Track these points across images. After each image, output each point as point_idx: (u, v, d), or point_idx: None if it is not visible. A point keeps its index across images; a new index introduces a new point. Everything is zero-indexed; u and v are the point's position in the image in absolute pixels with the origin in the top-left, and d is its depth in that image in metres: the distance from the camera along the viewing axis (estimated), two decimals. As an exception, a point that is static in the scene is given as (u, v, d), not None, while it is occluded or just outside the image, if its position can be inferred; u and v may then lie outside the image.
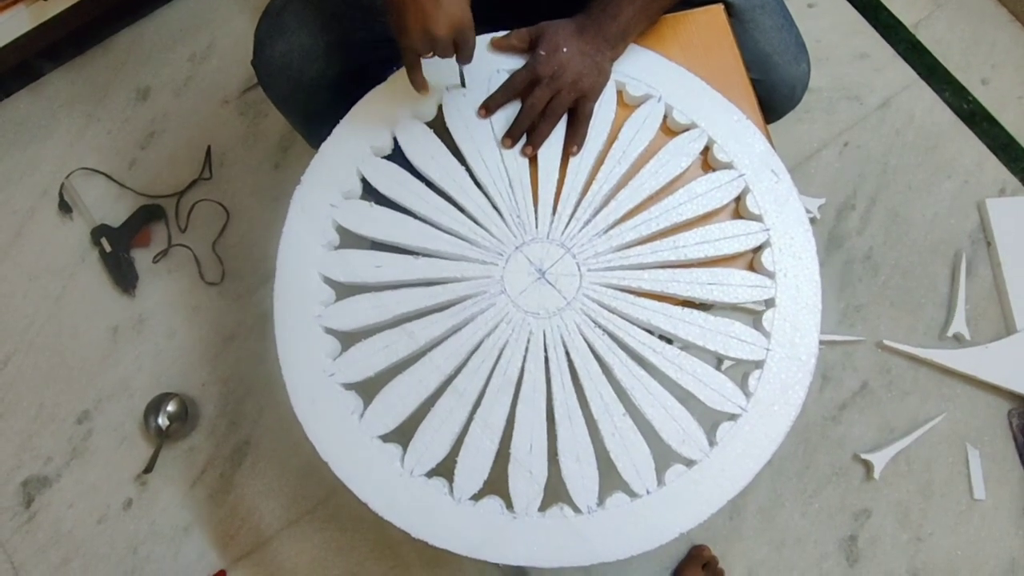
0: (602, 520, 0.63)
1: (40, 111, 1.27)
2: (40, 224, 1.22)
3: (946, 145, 1.25)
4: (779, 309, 0.67)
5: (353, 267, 0.69)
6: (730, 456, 0.64)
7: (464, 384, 0.66)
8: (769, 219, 0.70)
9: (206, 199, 1.22)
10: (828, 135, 1.25)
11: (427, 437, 0.65)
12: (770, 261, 0.69)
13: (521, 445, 0.64)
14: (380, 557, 1.06)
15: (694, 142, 0.72)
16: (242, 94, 1.27)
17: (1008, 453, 1.11)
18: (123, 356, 1.15)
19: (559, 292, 0.68)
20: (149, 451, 1.10)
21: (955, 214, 1.21)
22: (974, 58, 1.29)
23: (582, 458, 0.64)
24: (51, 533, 1.08)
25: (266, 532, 1.08)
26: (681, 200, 0.70)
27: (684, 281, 0.68)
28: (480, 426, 0.65)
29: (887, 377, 1.14)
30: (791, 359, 0.66)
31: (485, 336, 0.67)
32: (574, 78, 0.69)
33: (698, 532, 1.07)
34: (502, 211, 0.70)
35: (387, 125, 0.72)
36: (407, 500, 0.63)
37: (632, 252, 0.69)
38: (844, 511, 1.08)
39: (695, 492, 0.63)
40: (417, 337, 0.67)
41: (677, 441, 0.64)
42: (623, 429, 0.65)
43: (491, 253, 0.70)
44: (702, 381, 0.66)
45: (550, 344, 0.67)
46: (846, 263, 1.19)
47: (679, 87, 0.73)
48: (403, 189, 0.70)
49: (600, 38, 0.69)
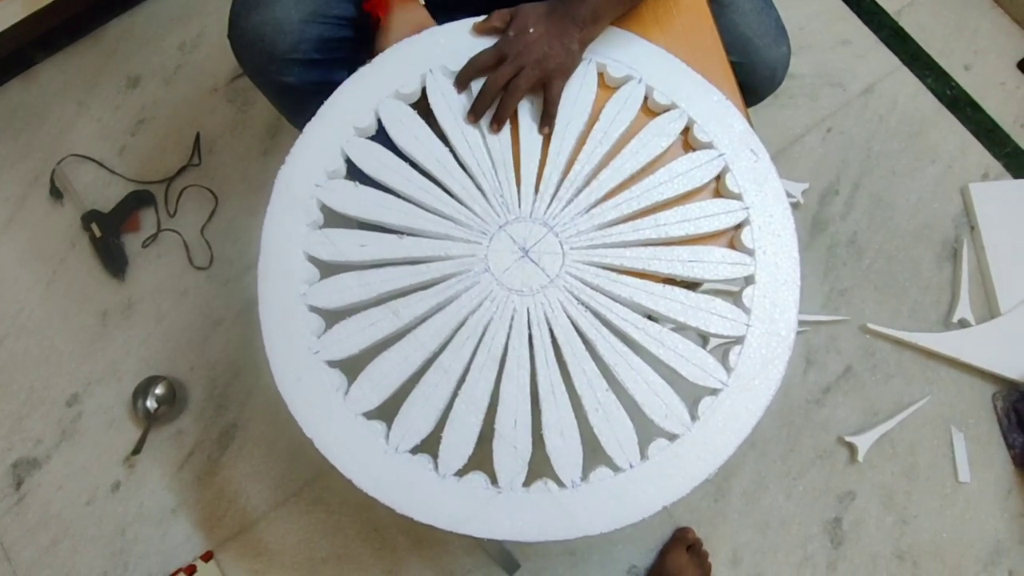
0: (586, 494, 0.63)
1: (32, 99, 1.28)
2: (31, 210, 1.23)
3: (929, 131, 1.26)
4: (759, 286, 0.68)
5: (338, 246, 0.69)
6: (712, 430, 0.64)
7: (449, 361, 0.66)
8: (749, 198, 0.70)
9: (195, 185, 1.23)
10: (811, 121, 1.26)
11: (412, 414, 0.65)
12: (749, 239, 0.69)
13: (506, 420, 0.65)
14: (367, 539, 1.07)
15: (674, 122, 0.72)
16: (231, 82, 1.28)
17: (992, 436, 1.11)
18: (112, 340, 1.16)
19: (542, 270, 0.69)
20: (137, 434, 1.11)
21: (939, 199, 1.22)
22: (957, 44, 1.30)
23: (566, 433, 0.64)
24: (40, 514, 1.09)
25: (253, 514, 1.08)
26: (662, 179, 0.71)
27: (665, 259, 0.69)
28: (465, 402, 0.65)
29: (871, 360, 1.14)
30: (771, 334, 0.67)
31: (469, 314, 0.68)
32: (539, 57, 0.69)
33: (683, 514, 1.07)
34: (485, 191, 0.71)
35: (371, 106, 0.72)
36: (391, 476, 0.63)
37: (614, 231, 0.70)
38: (828, 493, 1.08)
39: (678, 466, 0.64)
40: (402, 315, 0.67)
41: (660, 416, 0.65)
42: (606, 404, 0.65)
43: (475, 232, 0.70)
44: (684, 356, 0.66)
45: (534, 321, 0.67)
46: (830, 247, 1.20)
47: (659, 68, 0.74)
48: (387, 169, 0.71)
49: (568, 19, 0.70)
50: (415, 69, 0.73)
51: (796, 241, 0.70)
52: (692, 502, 1.08)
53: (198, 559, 1.04)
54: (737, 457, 1.07)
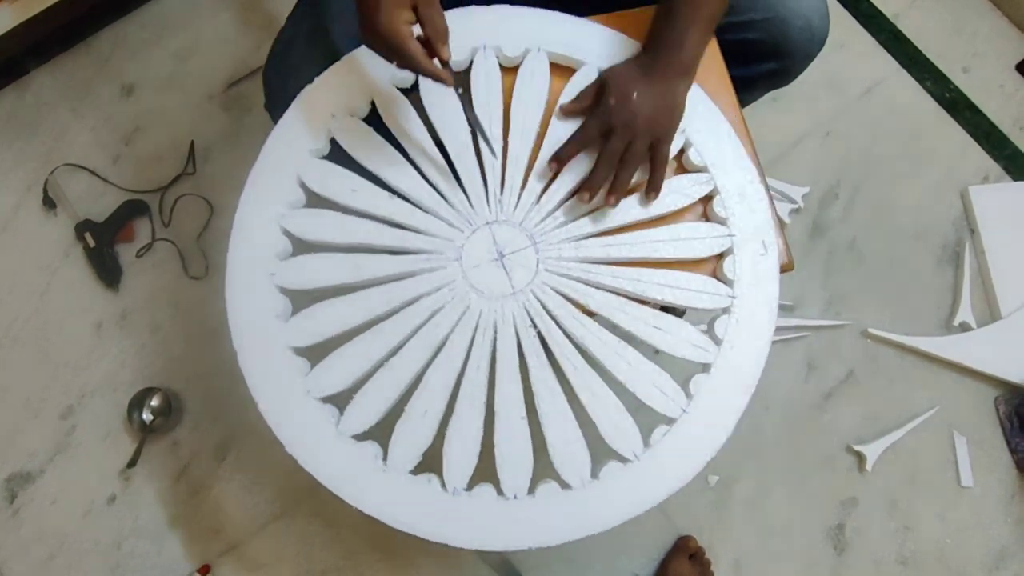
0: (530, 505, 0.62)
1: (25, 108, 1.27)
2: (25, 220, 1.22)
3: (928, 134, 1.25)
4: (712, 379, 0.65)
5: (330, 181, 0.68)
6: (664, 459, 0.63)
7: (389, 329, 0.65)
8: (739, 288, 0.67)
9: (190, 194, 1.22)
10: (810, 125, 1.26)
11: (335, 365, 0.64)
12: (723, 329, 0.67)
13: (418, 406, 0.63)
14: (365, 551, 1.06)
15: (698, 186, 0.70)
16: (226, 89, 1.27)
17: (995, 440, 1.10)
18: (107, 351, 1.15)
19: (510, 279, 0.67)
20: (133, 446, 1.09)
21: (938, 202, 1.22)
22: (955, 47, 1.30)
23: (467, 441, 0.63)
24: (35, 529, 1.08)
25: (250, 526, 1.07)
26: (662, 237, 0.69)
27: (631, 315, 0.66)
28: (388, 373, 0.64)
29: (873, 365, 1.14)
30: (706, 426, 0.64)
31: (425, 294, 0.66)
32: (647, 123, 0.66)
33: (685, 523, 1.06)
34: (488, 183, 0.70)
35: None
36: (295, 416, 0.63)
37: (594, 268, 0.68)
38: (831, 500, 1.08)
39: (626, 490, 0.62)
40: (362, 270, 0.66)
41: (561, 462, 0.63)
42: (516, 431, 0.64)
43: (462, 219, 0.69)
44: (609, 416, 0.64)
45: (481, 324, 0.66)
46: (830, 252, 1.19)
47: (705, 126, 0.71)
48: (405, 138, 0.70)
49: (670, 73, 0.67)
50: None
51: (767, 349, 0.66)
52: (694, 509, 1.07)
53: (195, 573, 1.03)
54: (739, 464, 1.08)
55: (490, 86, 0.71)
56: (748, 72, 0.77)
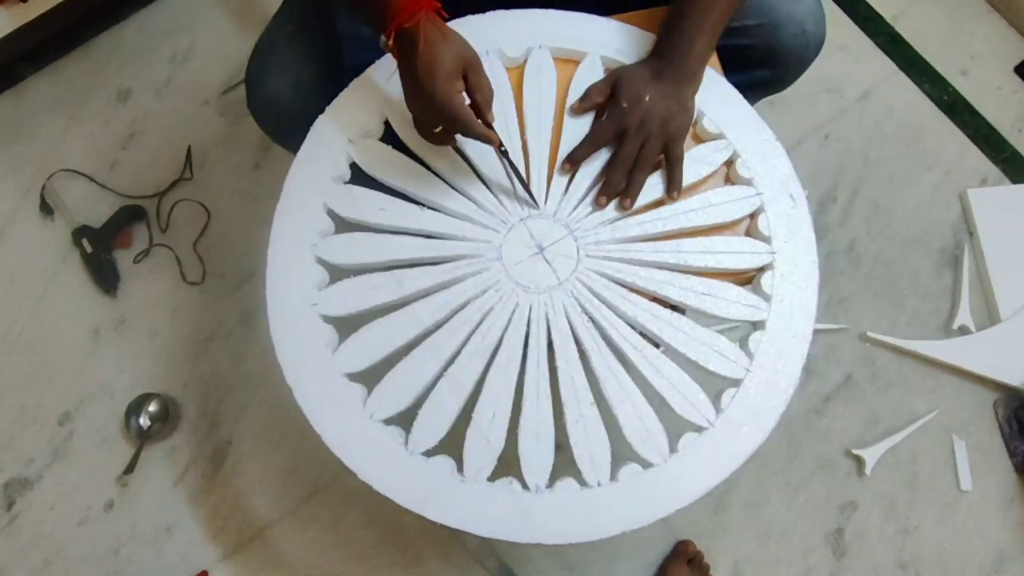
0: (548, 501, 0.62)
1: (22, 114, 1.28)
2: (22, 225, 1.22)
3: (927, 136, 1.25)
4: (768, 333, 0.66)
5: (358, 204, 0.68)
6: (687, 467, 0.63)
7: (442, 340, 0.65)
8: (777, 243, 0.69)
9: (187, 199, 1.22)
10: (809, 127, 1.26)
11: (394, 384, 0.64)
12: (769, 284, 0.68)
13: (485, 411, 0.64)
14: (363, 558, 1.06)
15: (718, 152, 0.71)
16: (222, 95, 1.28)
17: (994, 444, 1.10)
18: (104, 357, 1.15)
19: (554, 271, 0.68)
20: (130, 452, 1.09)
21: (937, 205, 1.21)
22: (953, 49, 1.30)
23: (541, 437, 0.63)
24: (32, 535, 1.08)
25: (248, 532, 1.07)
26: (693, 206, 0.70)
27: (679, 286, 0.67)
28: (448, 384, 0.64)
29: (871, 369, 1.13)
30: (769, 384, 0.65)
31: (472, 298, 0.67)
32: (660, 124, 0.68)
33: (683, 528, 1.06)
34: (516, 185, 0.70)
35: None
36: (362, 442, 0.63)
37: (633, 247, 0.69)
38: (830, 504, 1.08)
39: (645, 494, 0.62)
40: (405, 285, 0.66)
41: (639, 440, 0.63)
42: (588, 417, 0.64)
43: (496, 219, 0.69)
44: (675, 387, 0.65)
45: (534, 319, 0.66)
46: (828, 255, 1.19)
47: (713, 94, 0.72)
48: (425, 150, 0.70)
49: (680, 77, 0.69)
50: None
51: (816, 295, 0.68)
52: (692, 515, 1.07)
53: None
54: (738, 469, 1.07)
55: (499, 88, 0.71)
56: (742, 78, 0.77)
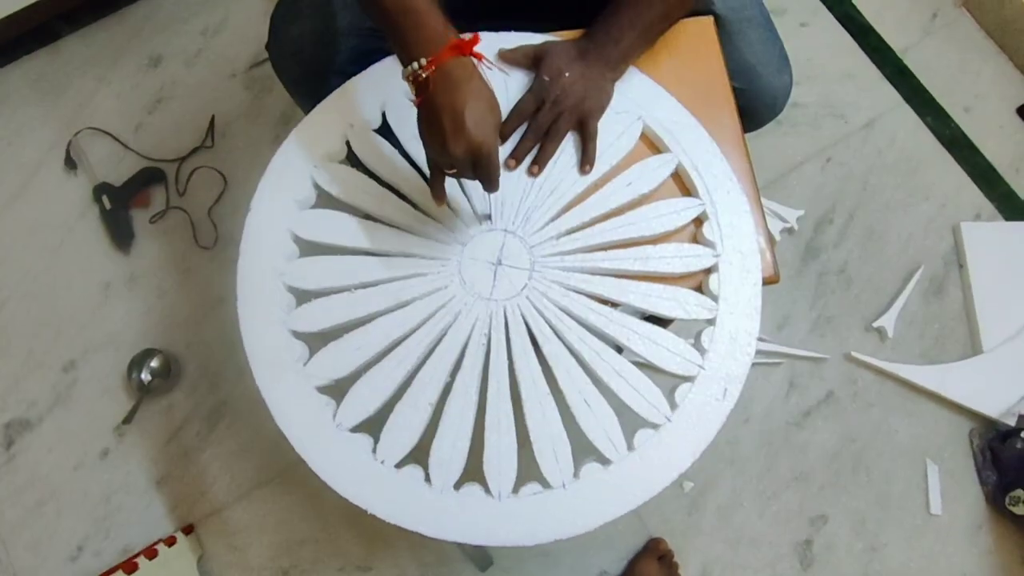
0: (513, 506, 0.64)
1: (55, 71, 1.32)
2: (45, 178, 1.26)
3: (926, 168, 1.28)
4: (718, 329, 0.68)
5: (321, 228, 0.71)
6: (647, 463, 0.65)
7: (406, 353, 0.67)
8: (720, 246, 0.71)
9: (206, 166, 1.26)
10: (812, 150, 1.29)
11: (360, 395, 0.66)
12: (716, 285, 0.70)
13: (449, 421, 0.65)
14: (347, 525, 1.09)
15: (665, 166, 0.74)
16: (249, 69, 1.31)
17: (967, 471, 1.13)
18: (113, 311, 1.19)
19: (511, 282, 0.70)
20: (130, 404, 1.13)
21: (930, 235, 1.24)
22: (959, 86, 1.33)
23: (504, 445, 0.65)
24: (28, 475, 1.11)
25: (236, 492, 1.10)
26: (643, 217, 0.72)
27: (631, 291, 0.70)
28: (413, 396, 0.66)
29: (853, 388, 1.16)
30: (721, 380, 0.67)
31: (435, 311, 0.69)
32: (576, 100, 0.71)
33: (656, 525, 1.09)
34: (471, 198, 0.73)
35: (379, 99, 0.74)
36: (335, 452, 0.65)
37: (587, 256, 0.71)
38: (801, 515, 1.10)
39: (606, 492, 0.64)
40: (370, 303, 0.69)
41: (598, 439, 0.66)
42: (550, 420, 0.66)
43: (454, 236, 0.72)
44: (632, 386, 0.67)
45: (494, 328, 0.69)
46: (821, 275, 1.22)
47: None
48: (387, 164, 0.73)
49: (602, 61, 0.72)
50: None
51: (759, 291, 0.70)
52: (667, 513, 1.10)
53: (179, 531, 1.06)
54: (715, 472, 1.10)
55: None
56: None
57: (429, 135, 0.61)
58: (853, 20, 1.36)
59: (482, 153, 0.59)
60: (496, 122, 0.61)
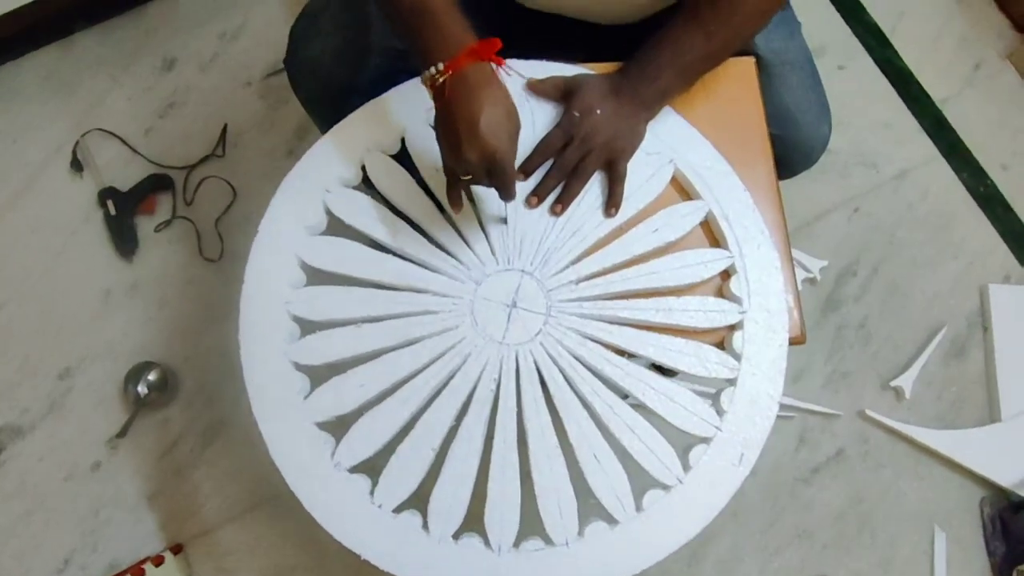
0: (513, 561, 0.62)
1: (67, 68, 1.28)
2: (50, 179, 1.23)
3: (957, 225, 1.25)
4: (739, 391, 0.66)
5: (332, 256, 0.68)
6: (654, 525, 0.63)
7: (411, 393, 0.65)
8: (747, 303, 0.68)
9: (215, 176, 1.23)
10: (840, 199, 1.25)
11: (362, 433, 0.64)
12: (740, 344, 0.67)
13: (451, 468, 0.63)
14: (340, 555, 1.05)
15: (696, 212, 0.71)
16: (265, 78, 1.28)
17: (975, 540, 1.10)
18: (112, 319, 1.16)
19: (525, 326, 0.68)
20: (124, 416, 1.11)
21: (956, 295, 1.21)
22: (997, 142, 1.29)
23: (507, 496, 0.63)
24: (17, 483, 1.09)
25: (228, 513, 1.08)
26: (668, 266, 0.69)
27: (650, 343, 0.67)
28: (415, 439, 0.64)
29: (864, 447, 1.13)
30: (738, 443, 0.64)
31: (444, 351, 0.66)
32: (606, 139, 0.68)
33: (655, 574, 1.07)
34: (490, 236, 0.70)
35: (399, 124, 0.72)
36: (330, 494, 0.63)
37: (606, 304, 0.69)
38: (802, 574, 1.08)
39: (611, 553, 0.62)
40: (377, 338, 0.66)
41: (606, 497, 0.63)
42: (557, 474, 0.63)
43: (469, 273, 0.69)
44: (645, 444, 0.64)
45: (504, 373, 0.66)
46: (839, 328, 1.19)
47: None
48: (403, 192, 0.70)
49: (637, 101, 0.69)
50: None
51: (784, 354, 0.67)
52: (665, 564, 1.06)
53: (167, 550, 1.04)
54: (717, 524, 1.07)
55: None
56: None
57: (445, 140, 0.60)
58: (893, 65, 1.32)
59: (496, 160, 0.58)
60: (513, 129, 0.59)
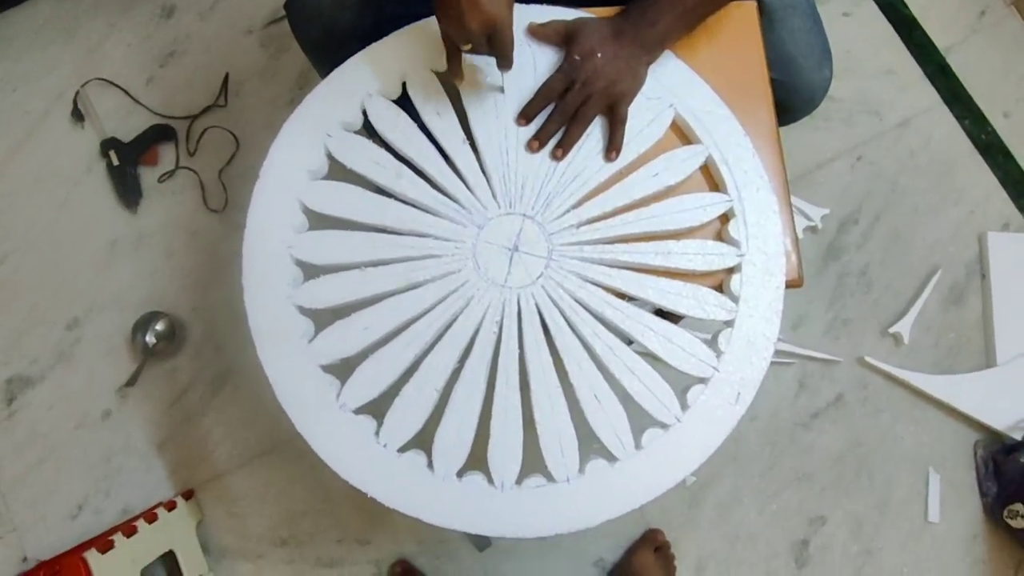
0: (516, 498, 0.63)
1: (63, 14, 1.26)
2: (51, 128, 1.22)
3: (958, 173, 1.25)
4: (736, 331, 0.67)
5: (333, 200, 0.68)
6: (653, 463, 0.64)
7: (415, 336, 0.66)
8: (746, 246, 0.69)
9: (218, 126, 1.22)
10: (843, 146, 1.25)
11: (366, 375, 0.65)
12: (737, 286, 0.68)
13: (455, 408, 0.64)
14: (347, 497, 1.08)
15: (694, 157, 0.71)
16: (266, 26, 1.26)
17: (967, 481, 1.13)
18: (119, 270, 1.16)
19: (527, 269, 0.68)
20: (133, 366, 1.12)
21: (955, 242, 1.22)
22: (1000, 90, 1.29)
23: (509, 435, 0.64)
24: (29, 432, 1.11)
25: (238, 459, 1.10)
26: (668, 210, 0.70)
27: (649, 286, 0.68)
28: (419, 380, 0.65)
29: (863, 392, 1.15)
30: (735, 383, 0.66)
31: (447, 295, 0.67)
32: (607, 83, 0.68)
33: (655, 516, 1.09)
34: (492, 180, 0.70)
35: (400, 69, 0.71)
36: (337, 433, 0.64)
37: (607, 247, 0.69)
38: (800, 515, 1.11)
39: (610, 489, 0.63)
40: (379, 282, 0.67)
41: (606, 435, 0.65)
42: (558, 414, 0.65)
43: (471, 216, 0.69)
44: (644, 384, 0.65)
45: (506, 316, 0.67)
46: (841, 276, 1.20)
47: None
48: (404, 136, 0.70)
49: (637, 44, 0.69)
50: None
51: (781, 297, 0.68)
52: (666, 505, 1.10)
53: (179, 496, 1.06)
54: (717, 468, 1.10)
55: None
56: None
57: (445, 10, 0.61)
58: (898, 12, 1.31)
59: (496, 27, 0.60)
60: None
